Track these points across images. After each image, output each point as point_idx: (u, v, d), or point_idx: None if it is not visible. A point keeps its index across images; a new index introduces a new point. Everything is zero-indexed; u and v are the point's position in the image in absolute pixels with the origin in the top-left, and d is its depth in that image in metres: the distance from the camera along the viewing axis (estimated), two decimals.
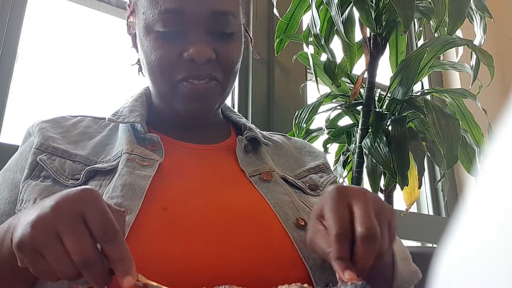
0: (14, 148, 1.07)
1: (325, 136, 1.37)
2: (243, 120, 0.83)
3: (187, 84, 0.69)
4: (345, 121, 1.42)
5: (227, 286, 0.41)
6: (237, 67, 0.74)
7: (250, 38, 0.87)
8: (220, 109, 0.82)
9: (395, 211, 0.57)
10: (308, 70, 1.64)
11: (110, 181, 0.63)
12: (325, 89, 1.42)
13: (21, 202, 0.62)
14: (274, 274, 0.58)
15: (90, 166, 0.65)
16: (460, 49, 1.30)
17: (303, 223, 0.65)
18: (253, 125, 0.82)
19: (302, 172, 0.79)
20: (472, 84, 1.24)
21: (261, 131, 0.84)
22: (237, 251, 0.59)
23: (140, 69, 0.84)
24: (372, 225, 0.50)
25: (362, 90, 1.32)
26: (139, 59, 0.81)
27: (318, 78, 1.30)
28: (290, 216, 0.66)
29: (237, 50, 0.74)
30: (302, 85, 1.52)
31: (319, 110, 1.33)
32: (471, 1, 1.20)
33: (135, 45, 0.79)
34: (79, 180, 0.64)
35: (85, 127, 0.74)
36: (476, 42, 1.23)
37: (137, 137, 0.71)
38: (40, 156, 0.66)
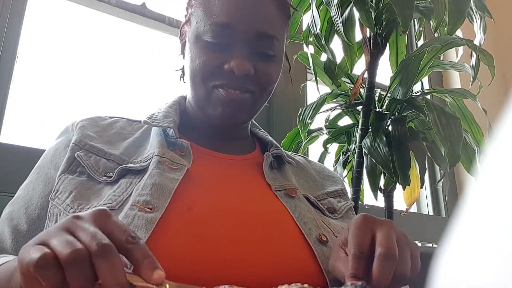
0: (14, 148, 1.08)
1: (325, 136, 1.37)
2: (270, 137, 0.87)
3: (223, 91, 0.73)
4: (345, 121, 1.42)
5: (227, 286, 0.41)
6: (272, 87, 0.78)
7: (290, 65, 0.93)
8: (248, 125, 0.87)
9: (418, 247, 0.58)
10: (308, 70, 1.64)
11: (140, 180, 0.66)
12: (325, 89, 1.42)
13: (56, 192, 0.67)
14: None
15: (122, 165, 0.69)
16: (460, 49, 1.30)
17: (325, 239, 0.68)
18: (277, 144, 0.86)
19: (322, 194, 0.82)
20: (472, 84, 1.24)
21: (285, 151, 0.87)
22: (258, 257, 0.61)
23: (182, 75, 0.89)
24: (391, 246, 0.51)
25: (362, 90, 1.32)
26: (183, 66, 0.86)
27: (318, 78, 1.30)
28: (313, 231, 0.68)
29: (275, 72, 0.78)
30: (302, 85, 1.52)
31: (320, 110, 1.33)
32: (471, 1, 1.20)
33: (183, 52, 0.83)
34: (112, 178, 0.68)
35: (120, 128, 0.79)
36: (476, 42, 1.23)
37: (168, 141, 0.75)
38: (77, 152, 0.70)
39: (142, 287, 0.42)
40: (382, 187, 1.28)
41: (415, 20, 1.35)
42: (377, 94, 1.35)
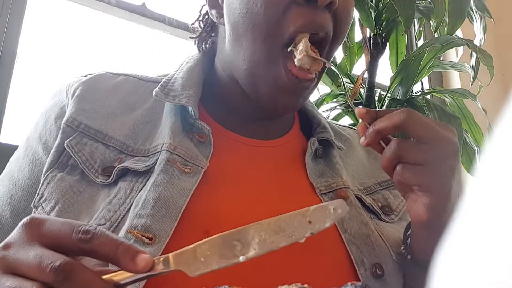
0: (15, 148, 1.08)
1: None
2: (316, 111, 0.68)
3: (288, 73, 0.54)
4: (345, 121, 1.42)
5: (227, 286, 0.41)
6: (347, 31, 0.60)
7: None
8: None
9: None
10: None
11: (143, 185, 0.51)
12: (325, 89, 1.42)
13: (40, 197, 0.53)
14: None
15: (124, 153, 0.55)
16: (460, 49, 1.30)
17: (380, 272, 0.52)
18: (325, 121, 0.68)
19: (373, 185, 0.65)
20: (472, 84, 1.24)
21: (331, 123, 0.70)
22: None
23: (201, 43, 0.71)
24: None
25: (362, 90, 1.32)
26: (204, 29, 0.70)
27: None
28: (367, 259, 0.53)
29: (352, 11, 0.60)
30: None
31: (320, 110, 1.33)
32: (471, 1, 1.20)
33: (214, 4, 0.63)
34: (110, 179, 0.53)
35: (126, 94, 0.61)
36: (476, 42, 1.24)
37: (185, 120, 0.58)
38: (67, 141, 0.55)
39: (132, 281, 0.35)
40: None
41: (415, 20, 1.35)
42: (377, 94, 1.35)
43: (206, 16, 0.70)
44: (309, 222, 0.36)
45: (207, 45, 0.71)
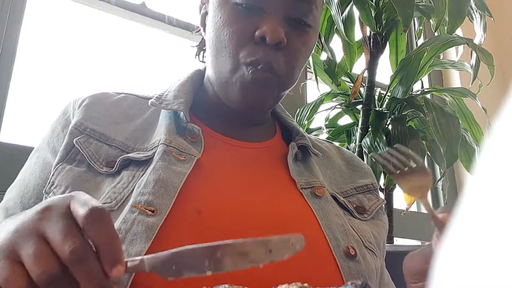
0: (14, 148, 1.08)
1: (325, 135, 1.37)
2: (295, 123, 0.78)
3: (251, 70, 0.63)
4: (345, 120, 1.42)
5: (227, 285, 0.41)
6: (300, 63, 0.68)
7: (322, 45, 0.83)
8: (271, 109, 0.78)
9: None
10: (308, 69, 1.64)
11: (144, 173, 0.59)
12: (325, 88, 1.42)
13: (52, 185, 0.61)
14: None
15: (126, 152, 0.63)
16: (460, 48, 1.30)
17: (353, 252, 0.60)
18: (303, 131, 0.78)
19: (350, 189, 0.73)
20: (472, 83, 1.24)
21: (309, 136, 0.79)
22: (277, 271, 0.52)
23: (198, 53, 0.82)
24: None
25: (362, 89, 1.32)
26: (201, 41, 0.80)
27: (318, 77, 1.30)
28: (341, 242, 0.60)
29: (308, 46, 0.68)
30: (302, 84, 1.52)
31: (320, 109, 1.33)
32: (471, 0, 1.20)
33: (203, 24, 0.74)
34: (113, 168, 0.61)
35: (127, 107, 0.70)
36: (476, 41, 1.23)
37: (178, 125, 0.67)
38: (76, 138, 0.63)
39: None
40: (383, 186, 1.28)
41: (415, 19, 1.35)
42: (377, 93, 1.35)
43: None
44: (270, 251, 0.39)
45: (201, 57, 0.82)
